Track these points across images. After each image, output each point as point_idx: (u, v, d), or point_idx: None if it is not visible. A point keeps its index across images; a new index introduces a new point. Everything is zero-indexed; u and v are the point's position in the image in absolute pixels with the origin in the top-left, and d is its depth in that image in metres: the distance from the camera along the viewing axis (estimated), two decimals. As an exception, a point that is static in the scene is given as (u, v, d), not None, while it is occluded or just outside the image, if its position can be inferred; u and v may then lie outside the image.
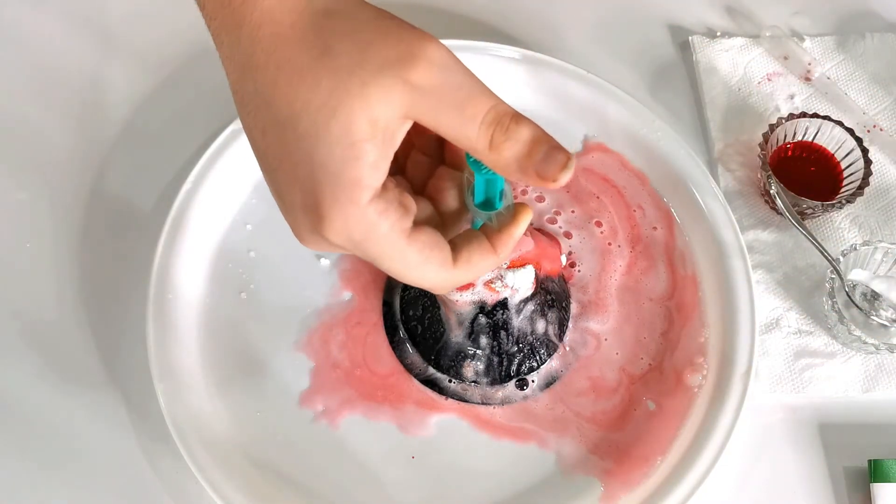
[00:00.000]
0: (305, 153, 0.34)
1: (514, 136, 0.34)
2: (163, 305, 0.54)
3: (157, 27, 0.68)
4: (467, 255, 0.38)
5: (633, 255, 0.60)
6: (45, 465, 0.53)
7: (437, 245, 0.37)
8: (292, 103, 0.33)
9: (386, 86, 0.32)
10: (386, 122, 0.33)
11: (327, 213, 0.34)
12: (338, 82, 0.33)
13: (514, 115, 0.34)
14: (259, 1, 0.35)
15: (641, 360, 0.56)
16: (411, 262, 0.36)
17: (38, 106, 0.64)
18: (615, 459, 0.53)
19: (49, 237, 0.59)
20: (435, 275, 0.37)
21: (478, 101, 0.34)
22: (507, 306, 0.52)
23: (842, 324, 0.55)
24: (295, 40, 0.34)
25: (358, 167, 0.33)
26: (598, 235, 0.60)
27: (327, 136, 0.33)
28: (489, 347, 0.53)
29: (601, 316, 0.57)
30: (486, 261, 0.38)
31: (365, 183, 0.33)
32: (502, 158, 0.34)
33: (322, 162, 0.33)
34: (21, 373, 0.55)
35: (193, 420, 0.51)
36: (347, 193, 0.33)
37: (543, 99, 0.64)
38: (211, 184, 0.58)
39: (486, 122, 0.34)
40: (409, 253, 0.36)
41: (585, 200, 0.62)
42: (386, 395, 0.54)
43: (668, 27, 0.70)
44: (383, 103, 0.33)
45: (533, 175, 0.34)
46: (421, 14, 0.70)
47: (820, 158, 0.62)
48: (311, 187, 0.34)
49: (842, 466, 0.54)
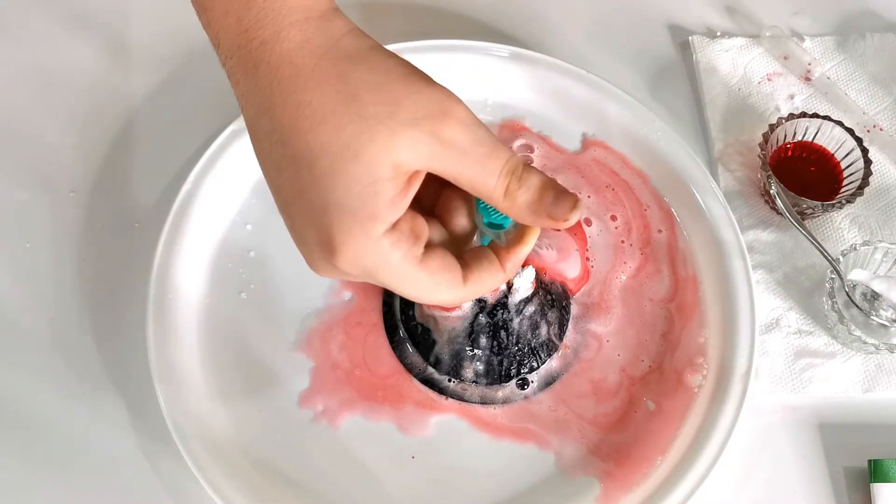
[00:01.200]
0: (322, 191, 0.35)
1: (525, 184, 0.37)
2: (163, 305, 0.54)
3: (157, 27, 0.68)
4: (478, 275, 0.40)
5: (643, 257, 0.59)
6: (45, 465, 0.53)
7: (447, 268, 0.39)
8: (310, 144, 0.35)
9: (415, 137, 0.35)
10: (408, 167, 0.35)
11: (340, 246, 0.36)
12: (364, 129, 0.35)
13: (525, 165, 0.38)
14: (278, 43, 0.36)
15: (642, 363, 0.56)
16: (424, 286, 0.38)
17: (38, 106, 0.64)
18: (615, 460, 0.53)
19: (49, 237, 0.59)
20: (447, 294, 0.39)
21: (498, 156, 0.37)
22: (507, 306, 0.52)
23: (842, 324, 0.55)
24: (315, 83, 0.36)
25: (376, 203, 0.35)
26: (612, 230, 0.60)
27: (345, 175, 0.35)
28: (489, 347, 0.53)
29: (604, 318, 0.57)
30: (494, 278, 0.40)
31: (381, 217, 0.36)
32: (516, 205, 0.38)
33: (338, 200, 0.35)
34: (21, 373, 0.55)
35: (193, 420, 0.51)
36: (361, 226, 0.35)
37: (543, 99, 0.64)
38: (211, 184, 0.58)
39: (503, 173, 0.37)
40: (421, 278, 0.38)
41: (600, 189, 0.62)
42: (386, 396, 0.54)
43: (668, 27, 0.70)
44: (409, 151, 0.35)
45: (544, 217, 0.38)
46: (421, 14, 0.70)
47: (820, 158, 0.62)
48: (326, 223, 0.36)
49: (842, 466, 0.54)
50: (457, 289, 0.39)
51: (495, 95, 0.64)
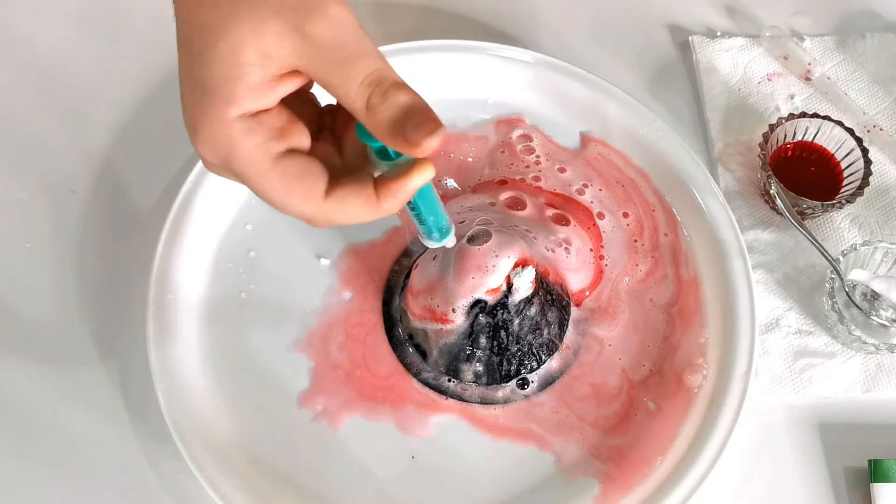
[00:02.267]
0: (194, 71, 0.35)
1: (391, 100, 0.34)
2: (163, 305, 0.54)
3: (157, 27, 0.68)
4: (342, 194, 0.37)
5: (654, 261, 0.59)
6: (45, 464, 0.53)
7: (306, 175, 0.37)
8: (191, 24, 0.35)
9: (280, 28, 0.34)
10: (279, 60, 0.34)
11: (196, 127, 0.36)
12: (235, 11, 0.34)
13: (398, 83, 0.35)
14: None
15: (643, 367, 0.56)
16: (275, 187, 0.36)
17: (38, 106, 0.64)
18: (616, 462, 0.53)
19: (49, 237, 0.59)
20: (301, 204, 0.37)
21: (363, 62, 0.35)
22: (507, 306, 0.52)
23: (842, 324, 0.55)
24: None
25: (235, 85, 0.34)
26: (625, 227, 0.60)
27: (212, 54, 0.34)
28: (489, 348, 0.53)
29: (610, 322, 0.57)
30: (362, 205, 0.37)
31: (238, 101, 0.35)
32: (377, 121, 0.35)
33: (203, 80, 0.35)
34: (21, 373, 0.55)
35: (193, 420, 0.51)
36: (216, 106, 0.35)
37: (544, 99, 0.64)
38: (211, 184, 0.58)
39: (365, 83, 0.34)
40: (272, 178, 0.36)
41: (611, 184, 0.62)
42: (386, 396, 0.54)
43: (668, 27, 0.70)
44: (275, 42, 0.34)
45: (401, 140, 0.34)
46: (421, 14, 0.70)
47: (820, 158, 0.62)
48: (191, 104, 0.36)
49: (842, 466, 0.54)
50: (314, 201, 0.36)
51: (495, 95, 0.64)
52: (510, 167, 0.62)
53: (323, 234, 0.59)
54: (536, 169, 0.62)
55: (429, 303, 0.53)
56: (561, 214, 0.59)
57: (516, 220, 0.57)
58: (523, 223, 0.57)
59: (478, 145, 0.63)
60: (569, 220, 0.59)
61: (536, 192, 0.61)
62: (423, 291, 0.53)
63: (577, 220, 0.59)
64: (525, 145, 0.63)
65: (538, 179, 0.62)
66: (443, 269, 0.53)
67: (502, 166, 0.62)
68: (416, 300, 0.54)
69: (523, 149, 0.63)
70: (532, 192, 0.61)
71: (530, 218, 0.59)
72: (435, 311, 0.53)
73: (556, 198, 0.61)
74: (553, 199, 0.61)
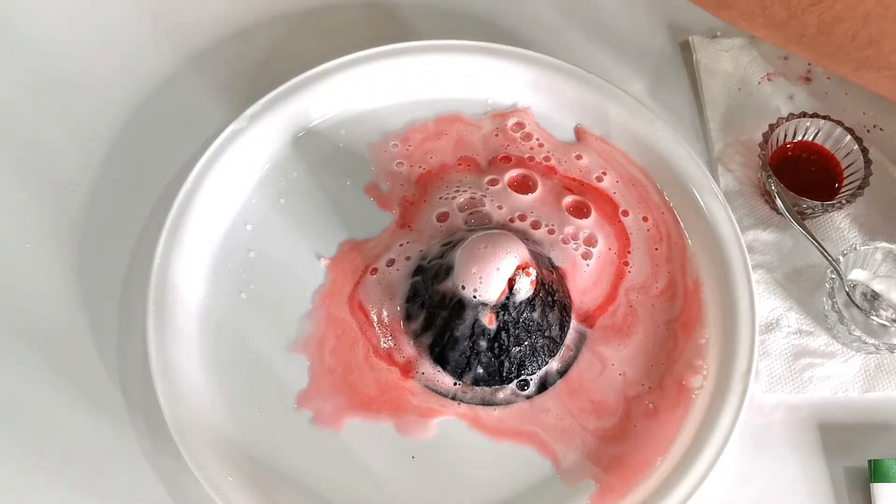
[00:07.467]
0: None
1: None
2: (163, 305, 0.54)
3: (157, 27, 0.68)
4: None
5: (669, 276, 0.57)
6: (45, 465, 0.53)
7: None
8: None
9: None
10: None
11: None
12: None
13: None
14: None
15: (642, 386, 0.55)
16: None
17: (38, 106, 0.64)
18: (616, 463, 0.52)
19: (49, 237, 0.59)
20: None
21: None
22: (507, 307, 0.52)
23: (842, 324, 0.55)
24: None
25: None
26: (645, 232, 0.58)
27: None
28: (489, 349, 0.53)
29: (621, 342, 0.55)
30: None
31: None
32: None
33: None
34: (21, 373, 0.55)
35: (193, 420, 0.51)
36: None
37: (543, 98, 0.64)
38: (211, 184, 0.58)
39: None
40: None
41: (624, 178, 0.60)
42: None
43: (668, 27, 0.70)
44: None
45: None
46: (422, 14, 0.70)
47: (820, 158, 0.62)
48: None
49: (842, 466, 0.54)
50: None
51: (495, 95, 0.64)
52: (506, 148, 0.60)
53: (323, 234, 0.59)
54: (544, 151, 0.57)
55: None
56: (581, 202, 0.54)
57: (523, 206, 0.53)
58: (533, 209, 0.53)
59: (470, 129, 0.62)
60: (590, 210, 0.55)
61: (548, 172, 0.55)
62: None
63: (599, 213, 0.54)
64: (524, 132, 0.62)
65: (549, 160, 0.56)
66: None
67: (499, 148, 0.60)
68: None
69: (522, 136, 0.61)
70: (543, 172, 0.55)
71: (540, 204, 0.54)
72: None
73: (574, 183, 0.55)
74: (570, 184, 0.55)
